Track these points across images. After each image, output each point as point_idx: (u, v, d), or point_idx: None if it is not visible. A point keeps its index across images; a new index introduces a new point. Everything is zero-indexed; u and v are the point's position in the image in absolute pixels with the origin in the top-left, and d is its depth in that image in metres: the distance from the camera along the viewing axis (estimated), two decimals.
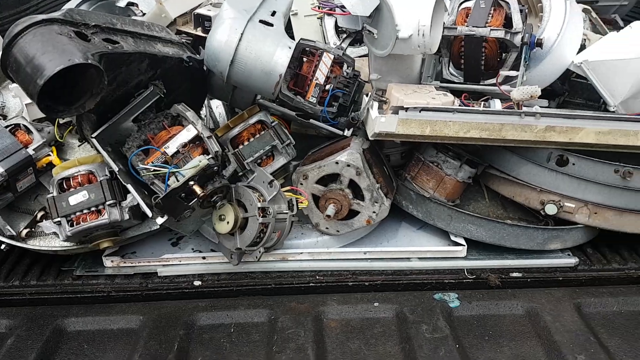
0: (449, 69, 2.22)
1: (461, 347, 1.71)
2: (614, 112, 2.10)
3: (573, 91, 2.46)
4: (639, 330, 1.76)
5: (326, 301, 1.93)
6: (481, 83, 2.16)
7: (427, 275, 2.05)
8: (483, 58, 2.10)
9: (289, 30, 2.70)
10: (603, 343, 1.70)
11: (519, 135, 1.91)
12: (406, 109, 1.86)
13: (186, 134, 1.84)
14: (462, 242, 2.09)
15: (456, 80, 2.21)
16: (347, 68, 2.10)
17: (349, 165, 1.95)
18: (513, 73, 1.98)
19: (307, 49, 2.09)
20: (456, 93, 2.12)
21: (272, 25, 1.85)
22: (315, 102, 2.06)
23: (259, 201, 1.88)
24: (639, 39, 1.95)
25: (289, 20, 2.69)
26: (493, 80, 2.12)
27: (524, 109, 1.91)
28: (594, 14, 2.48)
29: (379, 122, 1.88)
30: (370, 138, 1.97)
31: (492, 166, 2.18)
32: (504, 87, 1.97)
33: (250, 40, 1.79)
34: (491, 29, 2.02)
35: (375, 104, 1.99)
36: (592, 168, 1.97)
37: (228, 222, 1.86)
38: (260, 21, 1.85)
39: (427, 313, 1.84)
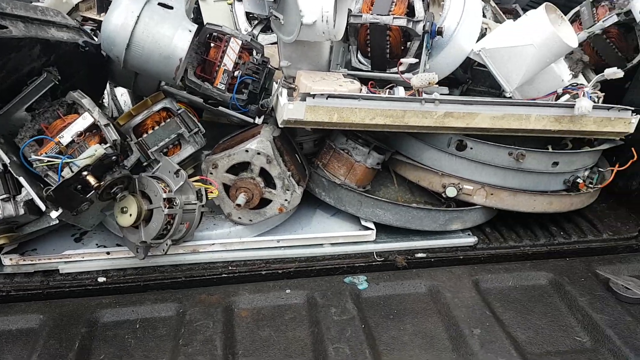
0: (357, 57, 2.26)
1: (367, 326, 1.76)
2: (510, 97, 2.24)
3: (476, 79, 2.58)
4: (532, 303, 1.89)
5: (238, 291, 1.92)
6: (388, 71, 2.21)
7: (339, 260, 2.09)
8: (388, 46, 2.15)
9: (198, 16, 2.64)
10: (498, 317, 1.82)
11: (421, 121, 1.98)
12: (313, 96, 1.87)
13: (82, 123, 1.75)
14: (372, 226, 2.15)
15: (364, 68, 2.25)
16: (256, 54, 2.09)
17: (259, 153, 1.94)
18: (413, 60, 2.04)
19: (215, 34, 2.06)
20: (364, 81, 2.16)
21: (171, 8, 1.79)
22: (224, 88, 2.03)
23: (165, 192, 1.83)
24: (533, 27, 2.06)
25: (199, 6, 2.63)
26: (401, 68, 2.18)
27: (426, 96, 1.97)
28: (492, 3, 2.61)
29: (287, 109, 1.88)
30: (280, 125, 1.97)
31: (399, 152, 2.25)
32: (405, 75, 2.02)
33: (148, 23, 1.72)
34: (394, 17, 2.06)
35: (285, 91, 1.98)
36: (488, 152, 2.08)
37: (131, 215, 1.80)
38: (159, 4, 1.79)
39: (336, 296, 1.88)
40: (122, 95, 2.37)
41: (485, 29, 2.50)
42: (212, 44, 2.04)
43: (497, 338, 1.70)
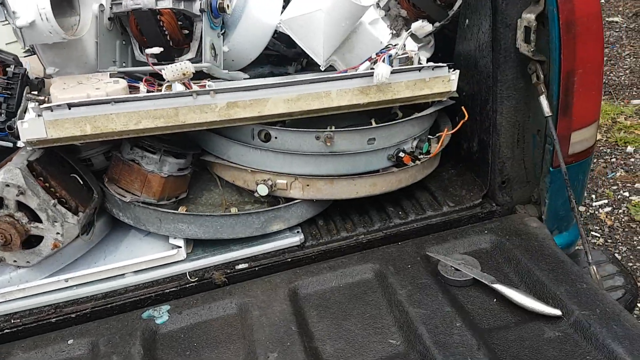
0: (140, 50, 1.95)
1: None
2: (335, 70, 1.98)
3: None
4: (352, 304, 1.66)
5: (11, 351, 1.61)
6: (177, 60, 1.91)
7: (145, 289, 1.80)
8: (166, 33, 1.85)
9: None
10: (309, 329, 1.58)
11: (201, 117, 1.69)
12: (52, 108, 1.55)
13: None
14: (180, 243, 1.86)
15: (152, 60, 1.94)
16: (10, 67, 1.76)
17: (8, 185, 1.62)
18: (156, 50, 1.73)
19: None
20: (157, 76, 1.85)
21: None
22: None
23: None
24: None
25: None
26: (189, 56, 1.89)
27: (196, 88, 1.68)
28: None
29: (22, 129, 1.56)
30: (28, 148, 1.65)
31: (207, 151, 1.97)
32: (158, 67, 1.72)
33: None
34: (157, 0, 1.75)
35: (32, 105, 1.65)
36: (294, 139, 1.82)
37: None
38: None
39: (124, 340, 1.60)
40: None
41: None
42: None
43: None
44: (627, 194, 4.25)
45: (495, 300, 1.59)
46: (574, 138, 1.73)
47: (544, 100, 1.65)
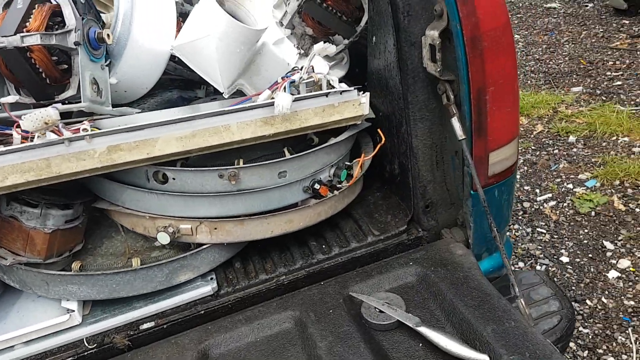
0: (16, 91, 1.72)
1: None
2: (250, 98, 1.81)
3: None
4: None
5: None
6: (57, 98, 1.70)
7: None
8: (40, 71, 1.63)
9: None
10: None
11: (79, 165, 1.48)
12: None
13: None
14: (72, 306, 1.65)
15: (29, 101, 1.72)
16: None
17: None
18: (11, 99, 1.52)
19: None
20: None
21: None
22: None
23: None
24: (206, 14, 1.62)
25: None
26: (70, 92, 1.68)
27: (68, 134, 1.47)
28: None
29: None
30: None
31: (99, 197, 1.77)
32: (15, 113, 1.51)
33: None
34: (22, 36, 1.53)
35: None
36: (194, 179, 1.64)
37: None
38: None
39: None
40: None
41: None
42: None
43: None
44: (570, 185, 4.24)
45: (421, 344, 1.45)
46: (493, 158, 1.62)
47: (456, 123, 1.53)
